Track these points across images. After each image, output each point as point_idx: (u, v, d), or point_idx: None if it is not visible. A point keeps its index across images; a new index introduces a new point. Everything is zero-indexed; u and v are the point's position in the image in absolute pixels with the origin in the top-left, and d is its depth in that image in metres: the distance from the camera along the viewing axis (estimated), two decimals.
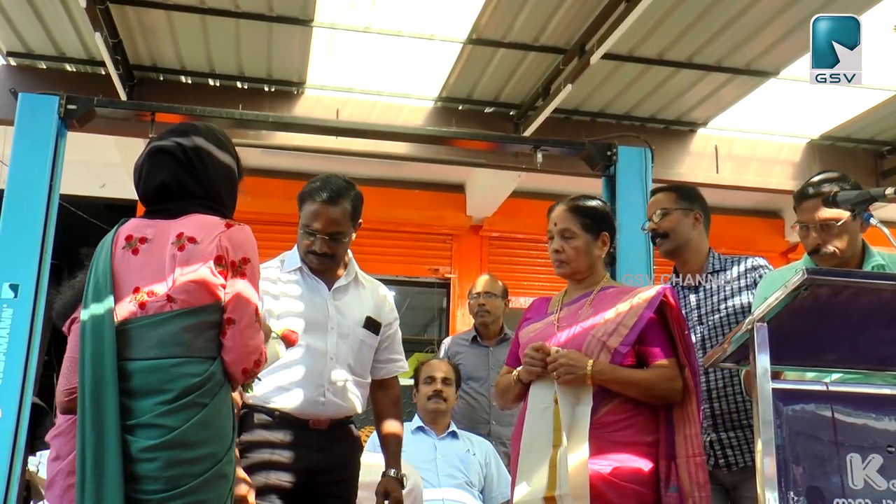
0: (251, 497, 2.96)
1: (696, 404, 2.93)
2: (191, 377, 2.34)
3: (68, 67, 6.73)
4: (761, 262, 3.65)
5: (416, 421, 4.68)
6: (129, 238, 2.47)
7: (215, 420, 2.37)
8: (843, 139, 7.70)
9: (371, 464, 3.44)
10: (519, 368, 3.08)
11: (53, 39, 6.33)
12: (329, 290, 3.33)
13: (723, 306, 3.59)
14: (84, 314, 2.43)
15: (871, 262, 3.05)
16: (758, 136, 7.67)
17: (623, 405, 2.92)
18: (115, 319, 2.37)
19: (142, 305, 2.38)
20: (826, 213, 3.04)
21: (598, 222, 3.15)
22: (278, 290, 3.29)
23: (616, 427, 2.89)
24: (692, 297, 3.66)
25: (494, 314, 5.46)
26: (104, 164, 7.74)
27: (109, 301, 2.39)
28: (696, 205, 3.72)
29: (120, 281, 2.42)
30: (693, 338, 3.31)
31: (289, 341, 2.98)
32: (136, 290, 2.40)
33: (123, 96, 6.32)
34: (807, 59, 6.01)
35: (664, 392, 2.92)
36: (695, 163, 7.57)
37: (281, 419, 3.18)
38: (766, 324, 2.31)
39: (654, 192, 3.91)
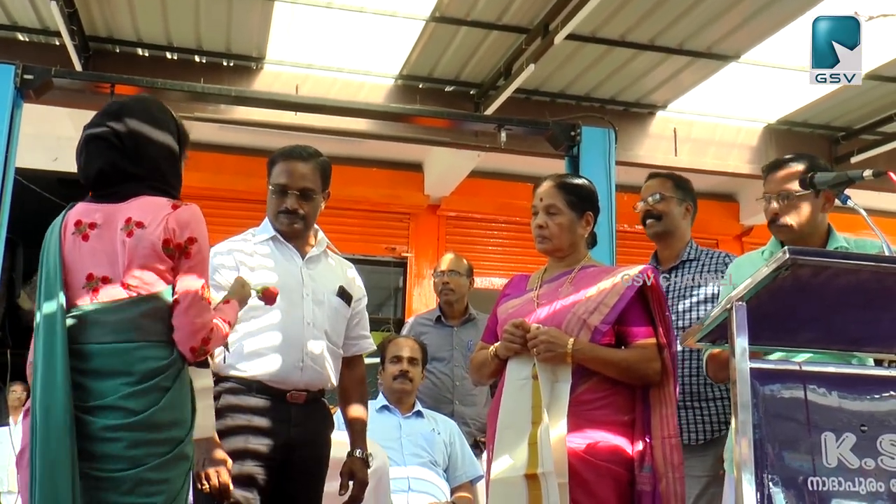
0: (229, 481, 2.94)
1: (673, 385, 2.95)
2: (154, 360, 2.38)
3: (20, 37, 6.55)
4: (734, 257, 3.83)
5: (381, 399, 4.65)
6: (78, 223, 2.47)
7: (178, 404, 2.43)
8: (799, 124, 7.79)
9: (339, 441, 3.41)
10: (496, 344, 3.07)
11: (5, 7, 6.16)
12: (302, 258, 3.33)
13: (692, 293, 3.80)
14: (38, 302, 2.44)
15: (835, 244, 3.09)
16: (716, 119, 7.75)
17: (601, 384, 2.92)
18: (71, 304, 2.40)
19: (95, 291, 2.41)
20: (787, 185, 3.08)
21: (584, 201, 3.15)
22: (255, 262, 3.26)
23: (593, 405, 2.90)
24: (664, 282, 3.78)
25: (459, 293, 5.43)
26: (57, 136, 7.57)
27: (59, 292, 2.40)
28: (689, 197, 4.01)
29: (72, 266, 2.44)
30: None
31: (270, 296, 2.98)
32: (90, 276, 2.42)
33: (79, 68, 6.17)
34: (767, 42, 6.19)
35: (643, 372, 2.93)
36: (653, 145, 7.62)
37: (259, 391, 3.14)
38: (745, 303, 2.31)
39: (650, 176, 4.11)
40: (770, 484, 2.28)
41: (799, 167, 3.06)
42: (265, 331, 3.17)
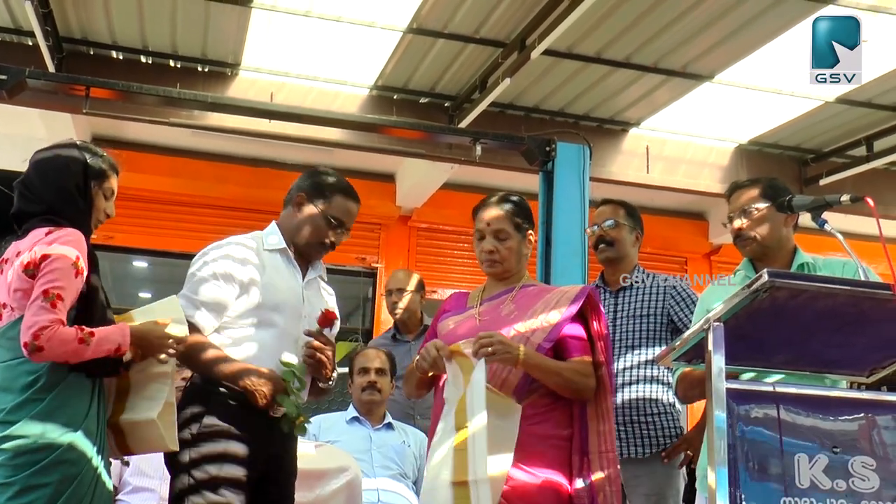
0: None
1: (610, 401, 3.00)
2: (27, 374, 2.67)
3: None
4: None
5: (352, 411, 4.64)
6: (2, 260, 2.85)
7: (55, 412, 2.66)
8: (770, 145, 7.87)
9: (302, 453, 3.38)
10: (416, 357, 3.08)
11: None
12: (303, 279, 3.31)
13: (637, 314, 3.96)
14: None
15: (799, 260, 3.15)
16: (688, 138, 7.80)
17: (541, 399, 2.97)
18: None
19: (0, 318, 2.76)
20: (749, 203, 3.15)
21: (526, 220, 3.20)
22: (264, 273, 3.20)
23: (534, 420, 2.93)
24: (611, 302, 4.02)
25: (410, 309, 5.36)
26: (27, 137, 7.45)
27: None
28: (639, 226, 4.18)
29: None
30: None
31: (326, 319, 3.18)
32: (2, 305, 2.77)
33: (51, 69, 6.08)
34: (740, 63, 6.26)
35: (578, 386, 2.97)
36: (626, 162, 7.66)
37: (247, 405, 3.05)
38: (722, 324, 2.33)
39: (603, 202, 4.25)
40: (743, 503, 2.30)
41: (759, 186, 3.18)
42: (262, 346, 3.13)
